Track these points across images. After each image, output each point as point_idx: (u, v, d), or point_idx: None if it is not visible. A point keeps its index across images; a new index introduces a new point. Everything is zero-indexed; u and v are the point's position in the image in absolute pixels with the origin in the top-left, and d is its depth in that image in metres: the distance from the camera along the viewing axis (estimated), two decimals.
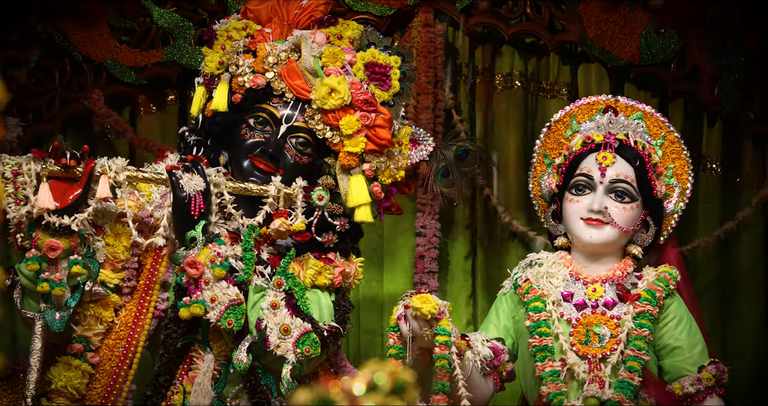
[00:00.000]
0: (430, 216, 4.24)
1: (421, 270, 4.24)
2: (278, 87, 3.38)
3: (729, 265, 4.35)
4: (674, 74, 4.27)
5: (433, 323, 3.18)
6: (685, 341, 3.46)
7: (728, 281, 4.35)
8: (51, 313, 3.17)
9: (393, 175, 3.41)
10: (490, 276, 4.32)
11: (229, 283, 3.20)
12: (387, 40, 3.49)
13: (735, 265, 4.35)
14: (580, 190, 3.51)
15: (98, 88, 4.22)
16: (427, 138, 3.55)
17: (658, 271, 3.51)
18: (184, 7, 4.28)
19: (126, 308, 3.30)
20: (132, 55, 4.24)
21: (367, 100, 3.34)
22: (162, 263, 3.31)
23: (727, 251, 4.34)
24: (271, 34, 3.45)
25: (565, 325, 3.42)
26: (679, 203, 3.63)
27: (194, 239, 3.22)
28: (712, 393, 3.45)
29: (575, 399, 3.38)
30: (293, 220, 3.31)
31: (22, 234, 3.18)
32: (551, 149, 3.68)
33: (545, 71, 4.39)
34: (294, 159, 3.39)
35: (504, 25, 4.31)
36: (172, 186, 3.25)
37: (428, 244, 4.24)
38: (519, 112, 4.36)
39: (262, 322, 3.21)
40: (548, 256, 3.56)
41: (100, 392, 3.26)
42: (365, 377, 2.22)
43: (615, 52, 4.26)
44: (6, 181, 3.15)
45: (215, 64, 3.42)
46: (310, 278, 3.33)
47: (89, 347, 3.25)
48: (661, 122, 3.65)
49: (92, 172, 3.22)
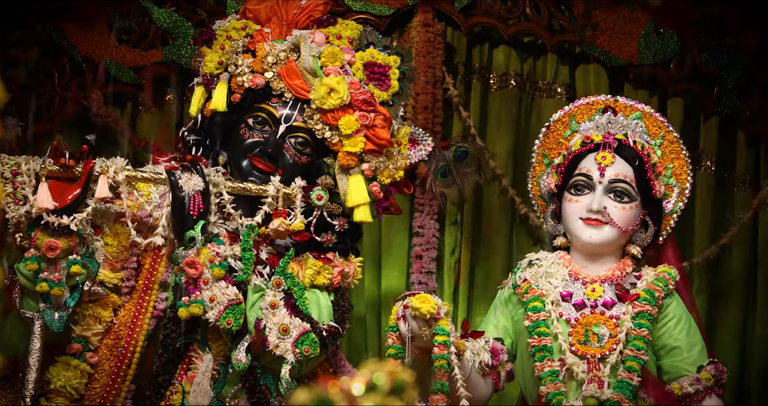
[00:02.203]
0: (429, 216, 4.24)
1: (419, 270, 4.23)
2: (277, 87, 3.38)
3: (721, 267, 4.35)
4: (673, 74, 4.27)
5: (432, 323, 3.18)
6: (684, 341, 3.46)
7: (721, 282, 4.35)
8: (50, 313, 3.17)
9: (392, 175, 3.41)
10: (476, 274, 4.33)
11: (228, 283, 3.20)
12: (386, 40, 3.49)
13: (726, 267, 4.35)
14: (579, 190, 3.51)
15: (97, 88, 4.22)
16: (426, 138, 3.55)
17: (657, 271, 3.51)
18: (183, 7, 4.28)
19: (125, 307, 3.30)
20: (131, 55, 4.24)
21: (366, 100, 3.34)
22: (161, 262, 3.31)
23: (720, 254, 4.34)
24: (270, 34, 3.45)
25: (564, 325, 3.42)
26: (678, 203, 3.62)
27: (193, 238, 3.22)
28: (711, 393, 3.44)
29: (574, 399, 3.37)
30: (292, 220, 3.31)
31: (21, 234, 3.18)
32: (550, 149, 3.68)
33: (542, 71, 4.39)
34: (293, 159, 3.39)
35: (503, 25, 4.31)
36: (171, 186, 3.25)
37: (426, 244, 4.24)
38: (512, 112, 4.36)
39: (261, 322, 3.21)
40: (547, 256, 3.56)
41: (99, 391, 3.26)
42: (364, 377, 2.22)
43: (614, 52, 4.26)
44: (5, 180, 3.15)
45: (214, 64, 3.42)
46: (309, 278, 3.33)
47: (88, 347, 3.25)
48: (661, 122, 3.65)
49: (91, 172, 3.22)
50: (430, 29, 4.26)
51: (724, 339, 4.30)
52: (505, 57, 4.38)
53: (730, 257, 4.33)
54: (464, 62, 4.37)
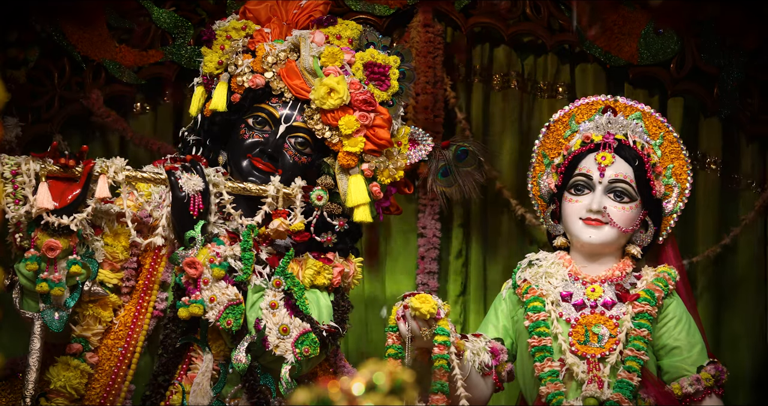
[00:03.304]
0: (430, 216, 4.24)
1: (422, 271, 4.24)
2: (277, 87, 3.38)
3: (725, 267, 4.35)
4: (673, 74, 4.27)
5: (432, 323, 3.18)
6: (684, 341, 3.46)
7: (725, 283, 4.35)
8: (50, 313, 3.17)
9: (392, 175, 3.41)
10: (481, 275, 4.32)
11: (228, 283, 3.20)
12: (386, 40, 3.49)
13: (731, 268, 4.34)
14: (579, 190, 3.51)
15: (97, 88, 4.22)
16: (426, 138, 3.56)
17: (657, 271, 3.51)
18: (183, 7, 4.28)
19: (125, 307, 3.30)
20: (131, 55, 4.24)
21: (366, 100, 3.34)
22: (161, 262, 3.31)
23: (725, 254, 4.34)
24: (270, 34, 3.45)
25: (564, 325, 3.42)
26: (678, 203, 3.63)
27: (193, 238, 3.22)
28: (711, 393, 3.45)
29: (574, 399, 3.38)
30: (292, 220, 3.31)
31: (21, 234, 3.18)
32: (550, 149, 3.68)
33: (543, 71, 4.39)
34: (293, 159, 3.39)
35: (503, 25, 4.31)
36: (171, 186, 3.25)
37: (428, 244, 4.24)
38: (515, 112, 4.36)
39: (261, 322, 3.21)
40: (547, 256, 3.56)
41: (99, 392, 3.26)
42: (364, 377, 2.22)
43: (614, 52, 4.26)
44: (5, 181, 3.15)
45: (214, 64, 3.42)
46: (309, 278, 3.33)
47: (88, 347, 3.25)
48: (660, 122, 3.65)
49: (91, 172, 3.22)
50: (430, 29, 4.26)
51: (726, 339, 4.30)
52: (506, 57, 4.38)
53: (733, 256, 4.33)
54: (465, 63, 4.37)
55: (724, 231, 4.30)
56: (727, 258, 4.33)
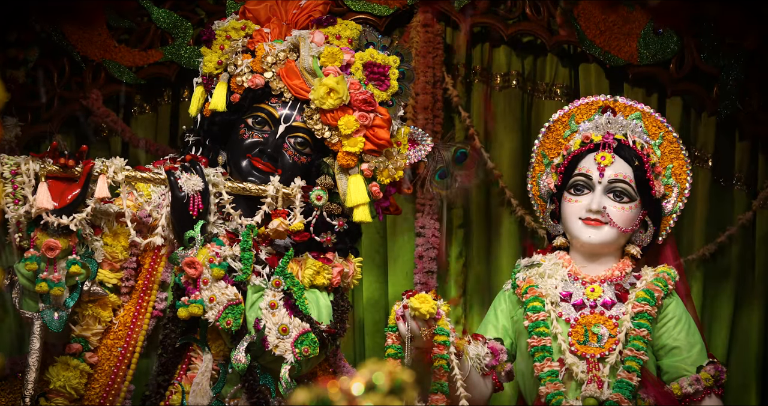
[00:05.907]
0: (429, 216, 4.24)
1: (421, 270, 4.24)
2: (277, 87, 3.38)
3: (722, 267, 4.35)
4: (673, 74, 4.27)
5: (431, 323, 3.18)
6: (684, 341, 3.46)
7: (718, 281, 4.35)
8: (49, 313, 3.17)
9: (391, 175, 3.41)
10: (481, 275, 4.33)
11: (228, 283, 3.20)
12: (386, 40, 3.49)
13: (727, 267, 4.34)
14: (579, 190, 3.51)
15: (97, 88, 4.22)
16: (425, 138, 3.56)
17: (657, 271, 3.51)
18: (182, 7, 4.28)
19: (124, 307, 3.30)
20: (130, 55, 4.24)
21: (365, 100, 3.34)
22: (160, 262, 3.31)
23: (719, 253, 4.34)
24: (270, 34, 3.45)
25: (564, 325, 3.43)
26: (678, 203, 3.63)
27: (193, 238, 3.22)
28: (711, 393, 3.45)
29: (574, 399, 3.38)
30: (292, 220, 3.31)
31: (21, 234, 3.18)
32: (550, 149, 3.68)
33: (542, 71, 4.39)
34: (292, 159, 3.39)
35: (502, 25, 4.31)
36: (171, 186, 3.25)
37: (427, 244, 4.24)
38: (515, 112, 4.36)
39: (260, 322, 3.21)
40: (547, 256, 3.56)
41: (99, 392, 3.26)
42: (364, 377, 2.22)
43: (614, 52, 4.26)
44: (4, 180, 3.15)
45: (214, 64, 3.42)
46: (308, 278, 3.33)
47: (88, 347, 3.25)
48: (660, 122, 3.66)
49: (91, 172, 3.22)
50: (429, 29, 4.26)
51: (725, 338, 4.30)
52: (506, 57, 4.38)
53: (728, 255, 4.33)
54: (464, 63, 4.37)
55: (720, 230, 4.30)
56: (720, 256, 4.33)
